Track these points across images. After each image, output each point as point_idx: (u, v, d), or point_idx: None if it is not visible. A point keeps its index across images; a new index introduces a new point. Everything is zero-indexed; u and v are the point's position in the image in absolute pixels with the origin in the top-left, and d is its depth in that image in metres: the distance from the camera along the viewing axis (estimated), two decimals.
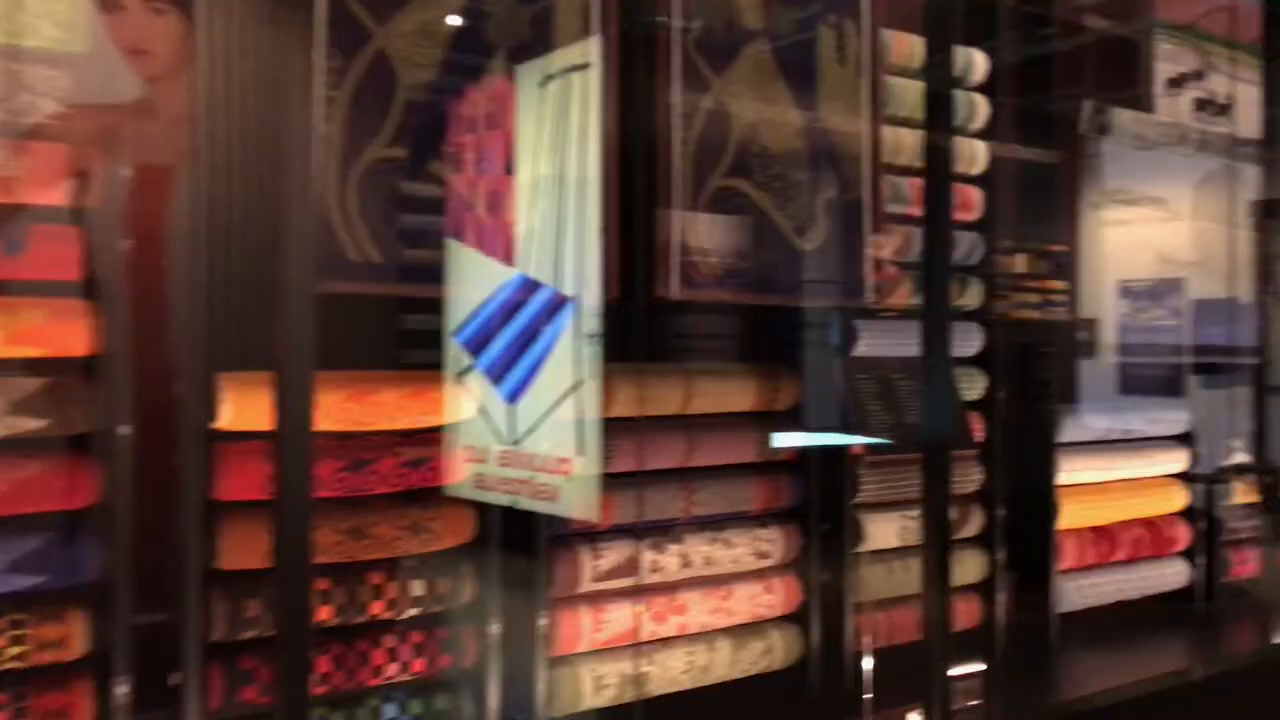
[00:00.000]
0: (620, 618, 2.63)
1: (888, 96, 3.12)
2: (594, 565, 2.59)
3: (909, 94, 3.20)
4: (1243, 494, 4.40)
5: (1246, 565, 4.36)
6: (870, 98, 3.00)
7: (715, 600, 2.80)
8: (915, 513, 3.15)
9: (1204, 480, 4.28)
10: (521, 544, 2.55)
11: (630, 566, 2.63)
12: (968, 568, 3.35)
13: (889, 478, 3.12)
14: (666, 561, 2.71)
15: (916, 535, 3.15)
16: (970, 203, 3.40)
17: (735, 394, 2.88)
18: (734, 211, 2.72)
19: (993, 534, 3.44)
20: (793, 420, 3.00)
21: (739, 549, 2.84)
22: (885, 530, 3.15)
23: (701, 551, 2.77)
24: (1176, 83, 3.93)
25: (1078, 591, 3.76)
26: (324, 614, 2.26)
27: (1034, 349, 3.75)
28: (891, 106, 3.15)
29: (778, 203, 2.78)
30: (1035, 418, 3.66)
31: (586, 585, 2.59)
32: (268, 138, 1.90)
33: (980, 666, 3.26)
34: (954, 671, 2.94)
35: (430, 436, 2.43)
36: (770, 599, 2.91)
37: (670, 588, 2.74)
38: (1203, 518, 4.21)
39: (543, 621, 2.53)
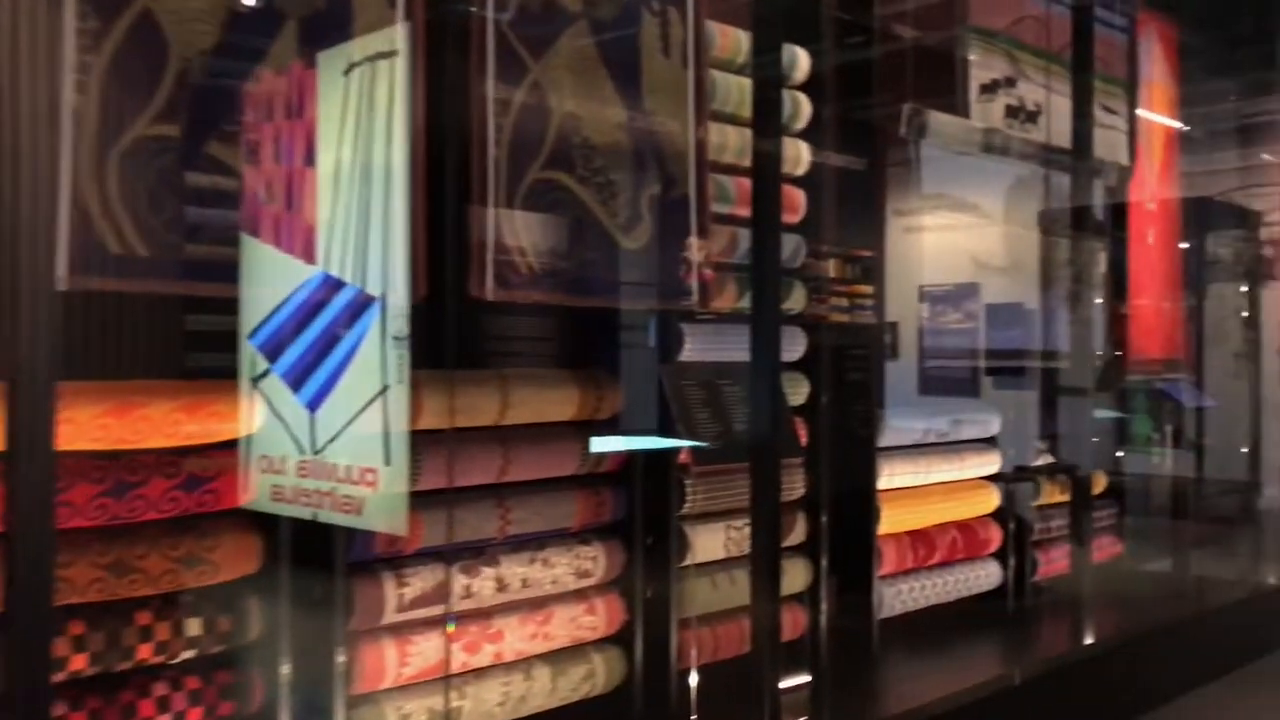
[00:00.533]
0: (429, 649, 2.40)
1: (713, 91, 3.00)
2: (399, 593, 2.35)
3: (734, 90, 3.08)
4: (1050, 494, 4.50)
5: (1056, 564, 4.46)
6: (695, 91, 2.87)
7: (533, 625, 2.60)
8: (742, 523, 3.03)
9: (1011, 481, 4.36)
10: (317, 572, 2.30)
11: (439, 593, 2.40)
12: (792, 577, 3.26)
13: (716, 487, 3.00)
14: (480, 586, 2.49)
15: (743, 546, 3.04)
16: (795, 204, 3.31)
17: (555, 402, 2.69)
18: (553, 207, 2.53)
19: (817, 541, 3.36)
20: (617, 429, 2.84)
21: (559, 568, 2.65)
22: (711, 542, 3.02)
23: (518, 573, 2.57)
24: (989, 89, 3.97)
25: (897, 597, 3.74)
26: (78, 663, 1.95)
27: (847, 352, 3.73)
28: (716, 102, 3.03)
29: (600, 198, 2.61)
30: (854, 422, 3.62)
31: (391, 615, 2.35)
32: (3, 110, 1.60)
33: (806, 679, 3.19)
34: (782, 685, 2.84)
35: (213, 453, 2.15)
36: (592, 620, 2.74)
37: (484, 614, 2.53)
38: (1012, 519, 4.29)
39: (341, 658, 2.28)
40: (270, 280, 2.18)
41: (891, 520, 3.71)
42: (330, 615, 2.28)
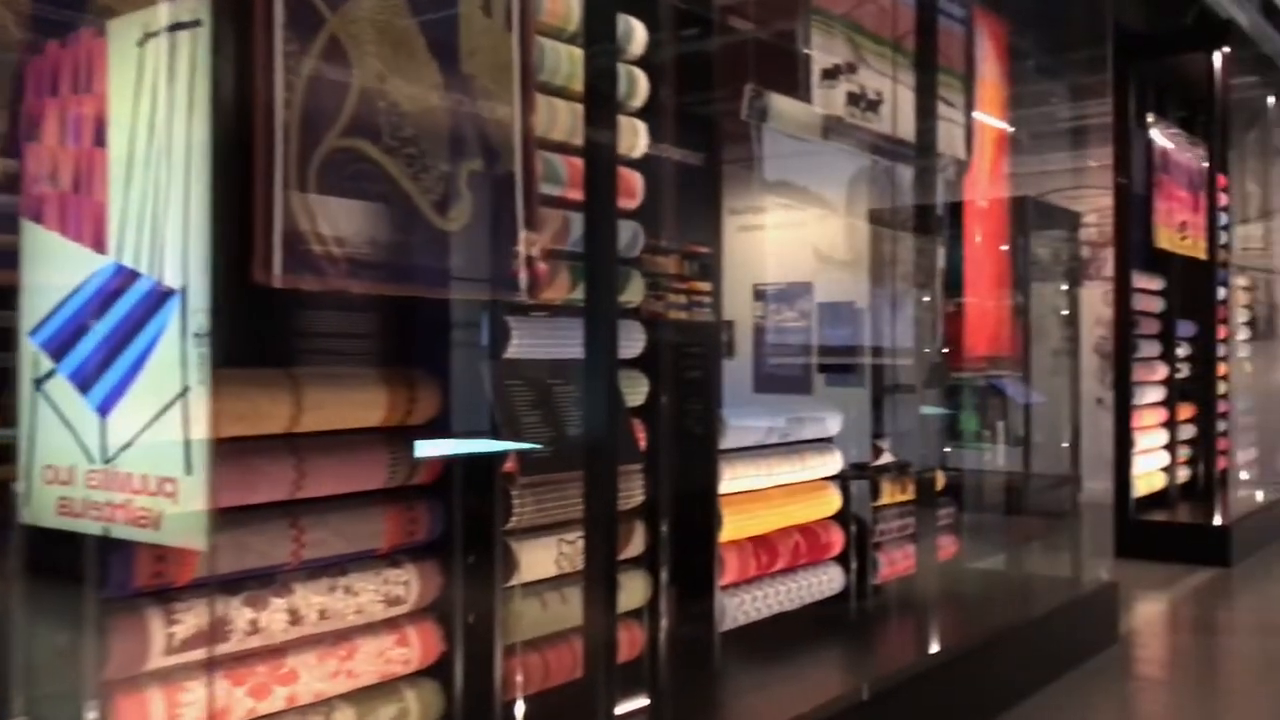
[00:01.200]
0: (205, 698, 2.03)
1: (541, 60, 2.71)
2: (168, 632, 1.98)
3: (565, 60, 2.80)
4: (891, 494, 4.39)
5: (897, 565, 4.35)
6: (521, 58, 2.58)
7: (334, 661, 2.26)
8: (575, 536, 2.76)
9: (853, 480, 4.23)
10: (63, 610, 1.91)
11: (219, 630, 2.04)
12: (630, 592, 3.01)
13: (546, 498, 2.71)
14: (269, 619, 2.14)
15: (577, 561, 2.77)
16: (632, 188, 3.05)
17: (360, 406, 2.35)
18: (355, 180, 2.20)
19: (657, 552, 3.12)
20: (434, 435, 2.52)
21: (364, 596, 2.32)
22: (541, 558, 2.74)
23: (315, 603, 2.22)
24: (831, 74, 3.81)
25: (740, 608, 3.54)
26: None
27: (686, 350, 3.55)
28: (545, 73, 2.74)
29: (411, 172, 2.28)
30: (694, 422, 3.40)
31: (158, 659, 1.98)
32: None
33: (644, 702, 2.94)
34: (618, 710, 2.59)
35: None
36: (404, 652, 2.41)
37: (275, 652, 2.18)
38: (853, 520, 4.16)
39: (92, 714, 1.89)
40: (55, 271, 2.02)
41: (734, 526, 3.50)
42: (79, 661, 1.90)
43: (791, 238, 5.96)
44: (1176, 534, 7.01)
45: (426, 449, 2.46)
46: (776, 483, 3.77)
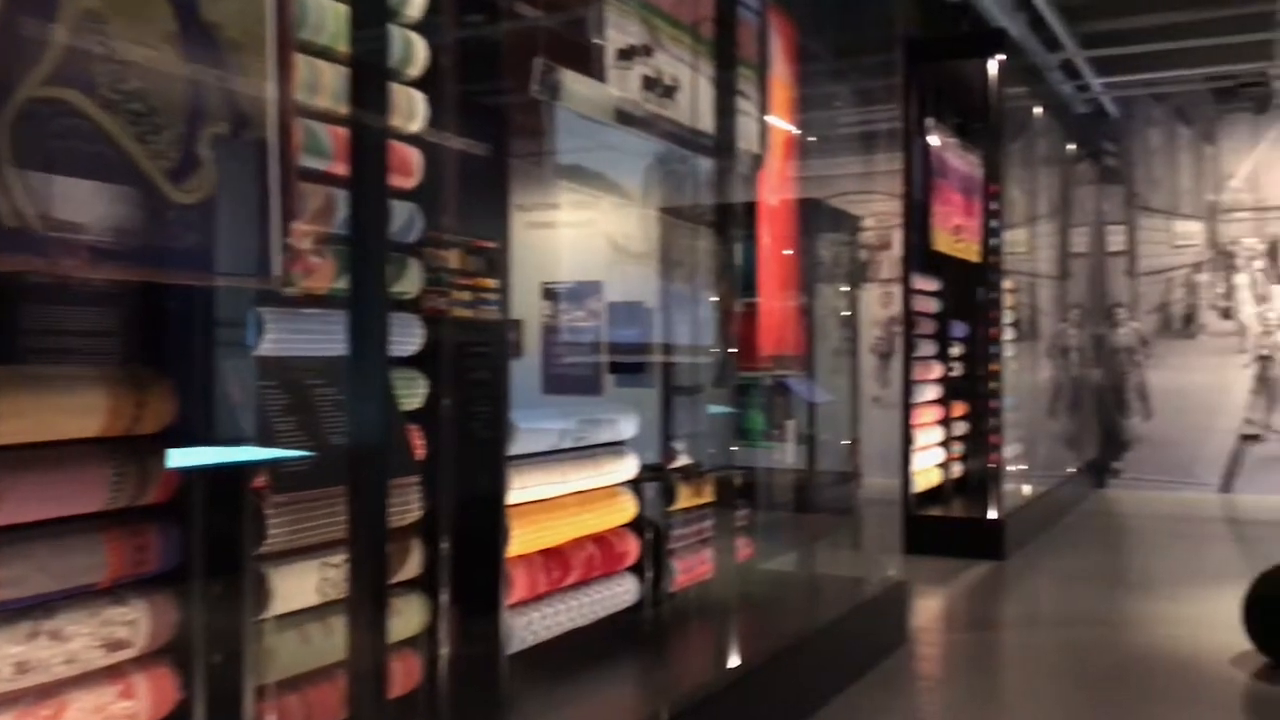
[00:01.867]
0: None
1: (303, 14, 2.36)
2: None
3: (329, 17, 2.46)
4: (686, 497, 4.23)
5: (693, 572, 4.19)
6: (277, 8, 2.22)
7: None
8: (341, 558, 2.42)
9: (646, 484, 4.04)
10: None
11: None
12: (406, 618, 2.69)
13: (305, 517, 2.36)
14: None
15: (343, 586, 2.43)
16: (408, 165, 2.74)
17: (71, 411, 1.95)
18: (66, 141, 1.80)
19: (435, 572, 2.81)
20: (168, 445, 2.13)
21: (77, 641, 1.92)
22: (300, 585, 2.39)
23: (12, 654, 1.81)
24: (626, 55, 3.59)
25: (529, 627, 3.27)
26: None
27: (471, 350, 3.28)
28: (307, 29, 2.40)
29: (136, 132, 1.90)
30: (481, 428, 3.11)
31: None
32: None
33: None
34: None
35: None
36: (129, 705, 2.02)
37: None
38: (648, 526, 3.96)
39: None
40: None
41: (523, 539, 3.23)
42: None
43: (583, 236, 5.76)
44: (954, 529, 7.21)
45: (159, 462, 2.08)
46: (570, 490, 3.53)
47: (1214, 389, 10.54)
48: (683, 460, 4.35)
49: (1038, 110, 9.29)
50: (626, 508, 3.83)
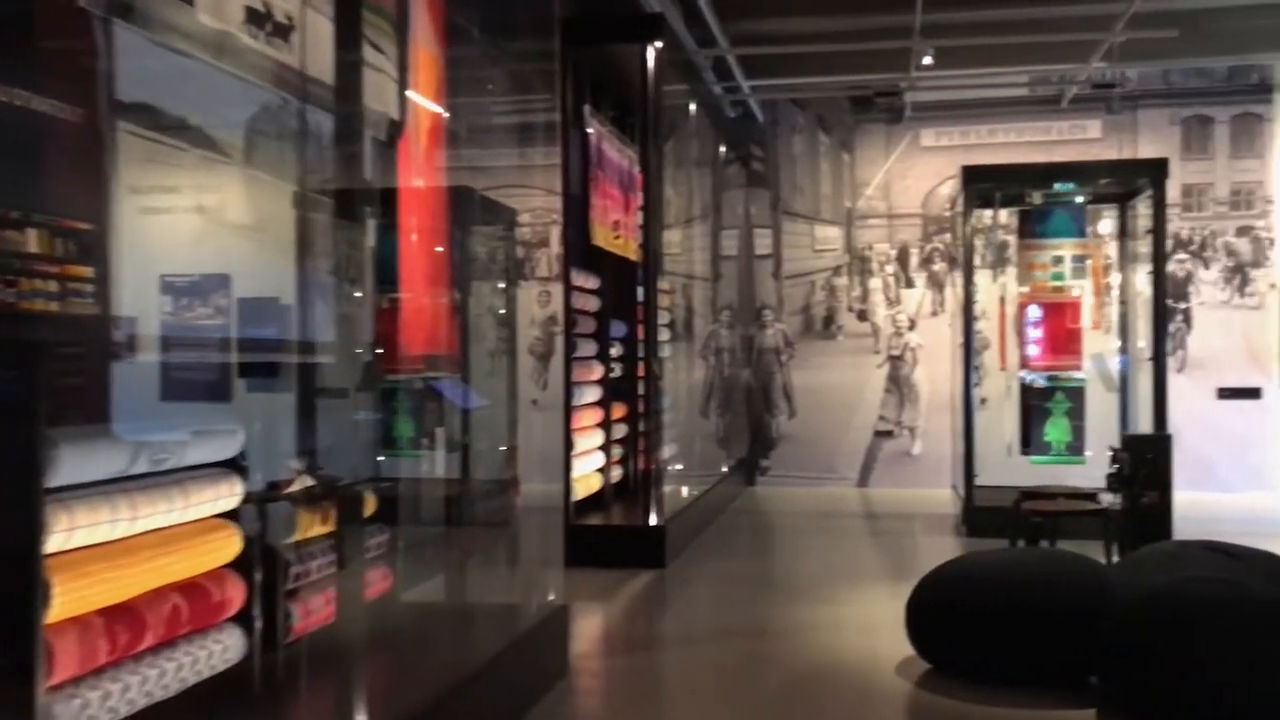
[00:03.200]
0: None
1: None
2: None
3: None
4: (310, 524, 3.52)
5: (318, 615, 3.48)
6: None
7: None
8: None
9: (261, 511, 3.31)
10: None
11: None
12: None
13: None
14: None
15: None
16: None
17: None
18: None
19: None
20: None
21: None
22: None
23: None
24: None
25: (84, 712, 2.47)
26: None
27: (57, 350, 2.71)
28: None
29: None
30: (7, 453, 2.29)
31: None
32: None
33: None
34: None
35: None
36: None
37: None
38: (259, 564, 3.23)
39: None
40: None
41: (72, 598, 2.43)
42: None
43: (208, 223, 4.92)
44: (615, 537, 6.88)
45: None
46: (145, 528, 2.74)
47: (851, 387, 10.99)
48: (304, 481, 3.63)
49: (692, 108, 9.23)
50: (228, 544, 3.08)
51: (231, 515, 3.14)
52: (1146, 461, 5.60)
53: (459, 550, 5.23)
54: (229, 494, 3.11)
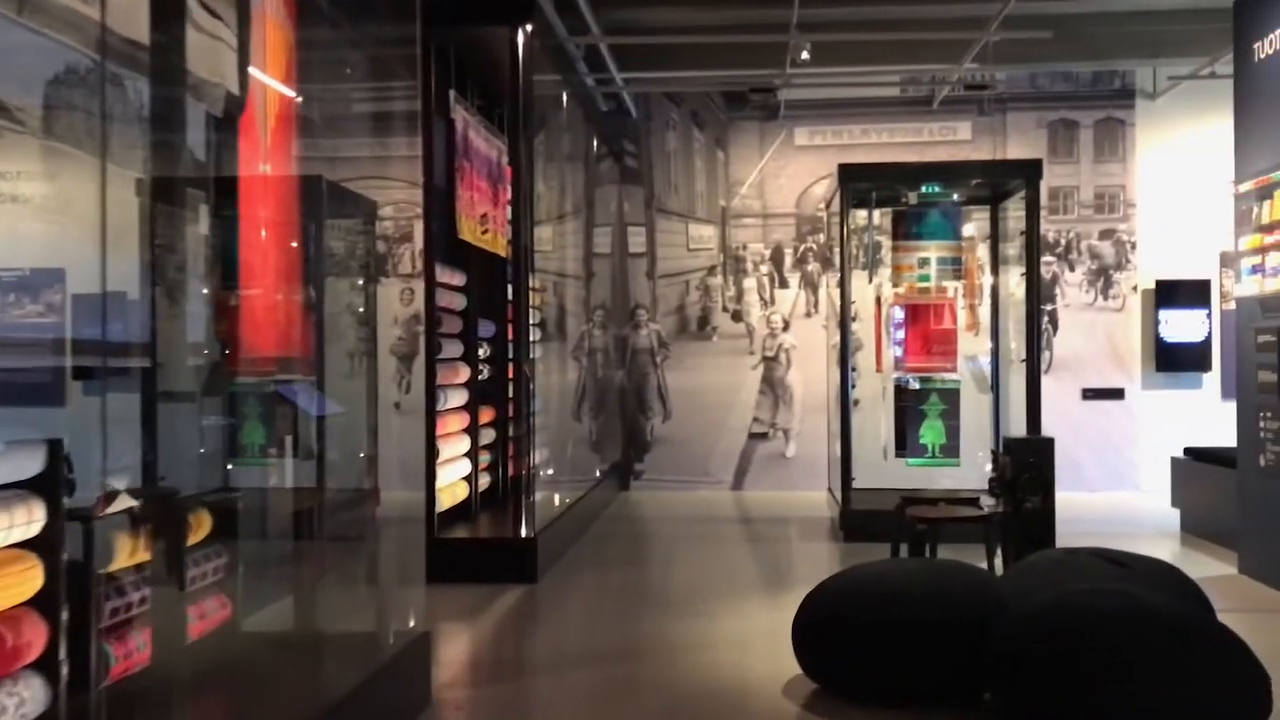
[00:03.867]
0: None
1: None
2: None
3: None
4: (128, 553, 3.08)
5: (139, 655, 3.04)
6: None
7: None
8: None
9: (73, 536, 2.86)
10: None
11: None
12: None
13: None
14: None
15: None
16: None
17: None
18: None
19: None
20: None
21: None
22: None
23: None
24: None
25: None
26: None
27: None
28: None
29: None
30: None
31: None
32: None
33: None
34: None
35: None
36: None
37: None
38: (66, 601, 2.77)
39: None
40: None
41: None
42: None
43: (41, 213, 4.38)
44: (482, 550, 6.51)
45: None
46: None
47: (726, 389, 10.82)
48: (125, 500, 3.18)
49: (565, 100, 8.90)
50: (27, 579, 2.62)
51: (39, 542, 2.69)
52: (1028, 465, 5.52)
53: (311, 569, 4.80)
54: (27, 520, 2.66)
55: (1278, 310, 6.03)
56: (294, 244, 4.99)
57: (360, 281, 6.68)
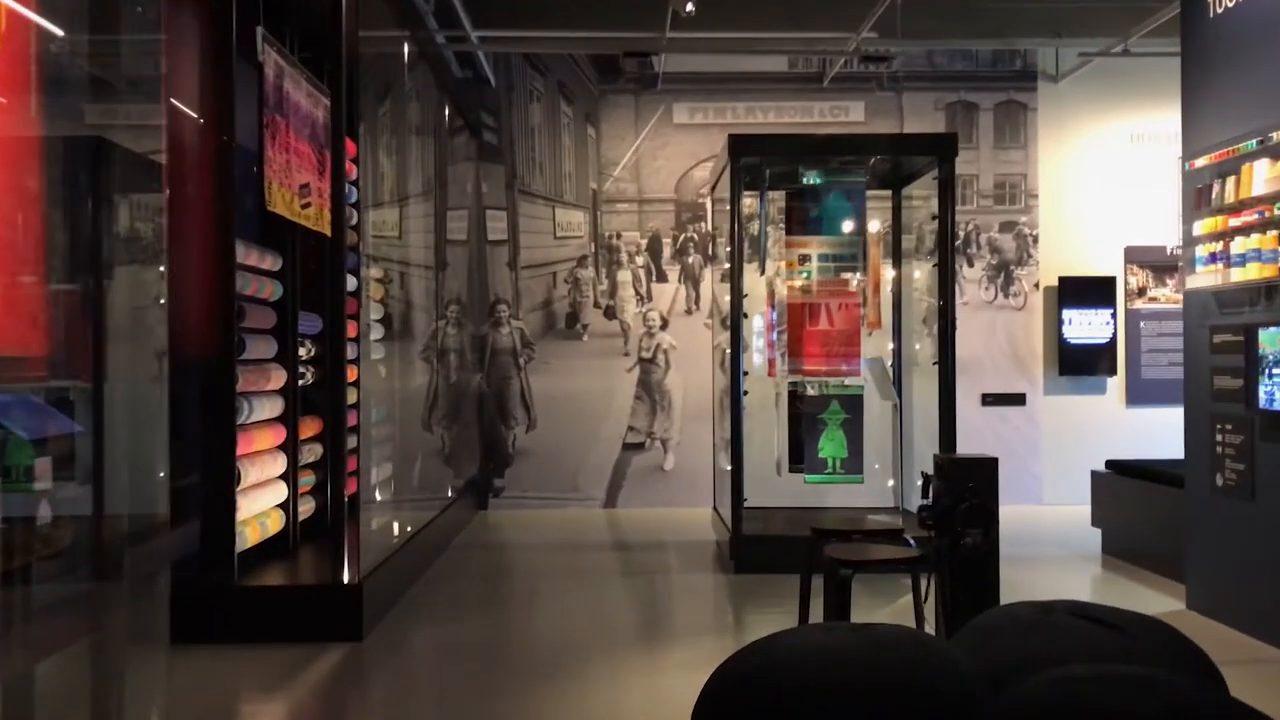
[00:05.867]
0: None
1: None
2: None
3: None
4: None
5: None
6: None
7: None
8: None
9: None
10: None
11: None
12: None
13: None
14: None
15: None
16: None
17: None
18: None
19: None
20: None
21: None
22: None
23: None
24: None
25: None
26: None
27: None
28: None
29: None
30: None
31: None
32: None
33: None
34: None
35: None
36: None
37: None
38: None
39: None
40: None
41: None
42: None
43: None
44: (295, 600, 5.19)
45: None
46: None
47: (599, 394, 9.69)
48: None
49: (410, 60, 7.62)
50: None
51: None
52: (968, 491, 4.52)
53: (41, 630, 3.52)
54: None
55: (1240, 306, 5.19)
56: (34, 219, 3.69)
57: (161, 268, 5.36)
